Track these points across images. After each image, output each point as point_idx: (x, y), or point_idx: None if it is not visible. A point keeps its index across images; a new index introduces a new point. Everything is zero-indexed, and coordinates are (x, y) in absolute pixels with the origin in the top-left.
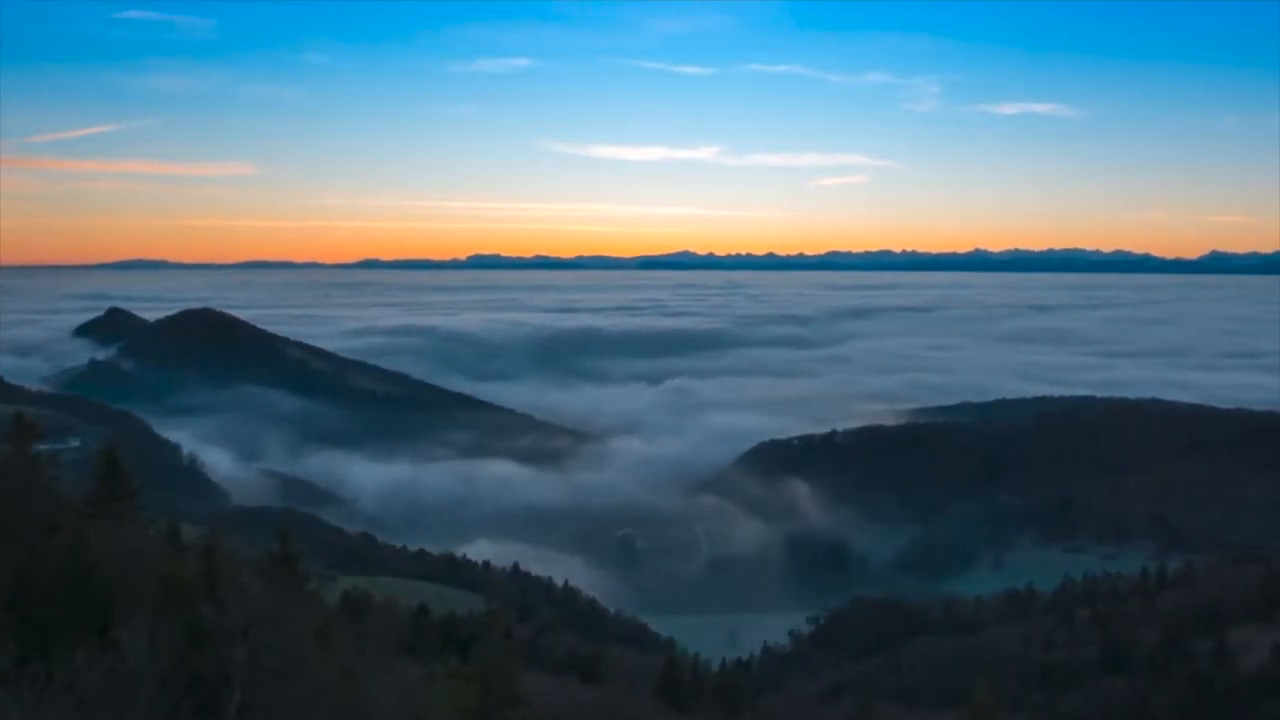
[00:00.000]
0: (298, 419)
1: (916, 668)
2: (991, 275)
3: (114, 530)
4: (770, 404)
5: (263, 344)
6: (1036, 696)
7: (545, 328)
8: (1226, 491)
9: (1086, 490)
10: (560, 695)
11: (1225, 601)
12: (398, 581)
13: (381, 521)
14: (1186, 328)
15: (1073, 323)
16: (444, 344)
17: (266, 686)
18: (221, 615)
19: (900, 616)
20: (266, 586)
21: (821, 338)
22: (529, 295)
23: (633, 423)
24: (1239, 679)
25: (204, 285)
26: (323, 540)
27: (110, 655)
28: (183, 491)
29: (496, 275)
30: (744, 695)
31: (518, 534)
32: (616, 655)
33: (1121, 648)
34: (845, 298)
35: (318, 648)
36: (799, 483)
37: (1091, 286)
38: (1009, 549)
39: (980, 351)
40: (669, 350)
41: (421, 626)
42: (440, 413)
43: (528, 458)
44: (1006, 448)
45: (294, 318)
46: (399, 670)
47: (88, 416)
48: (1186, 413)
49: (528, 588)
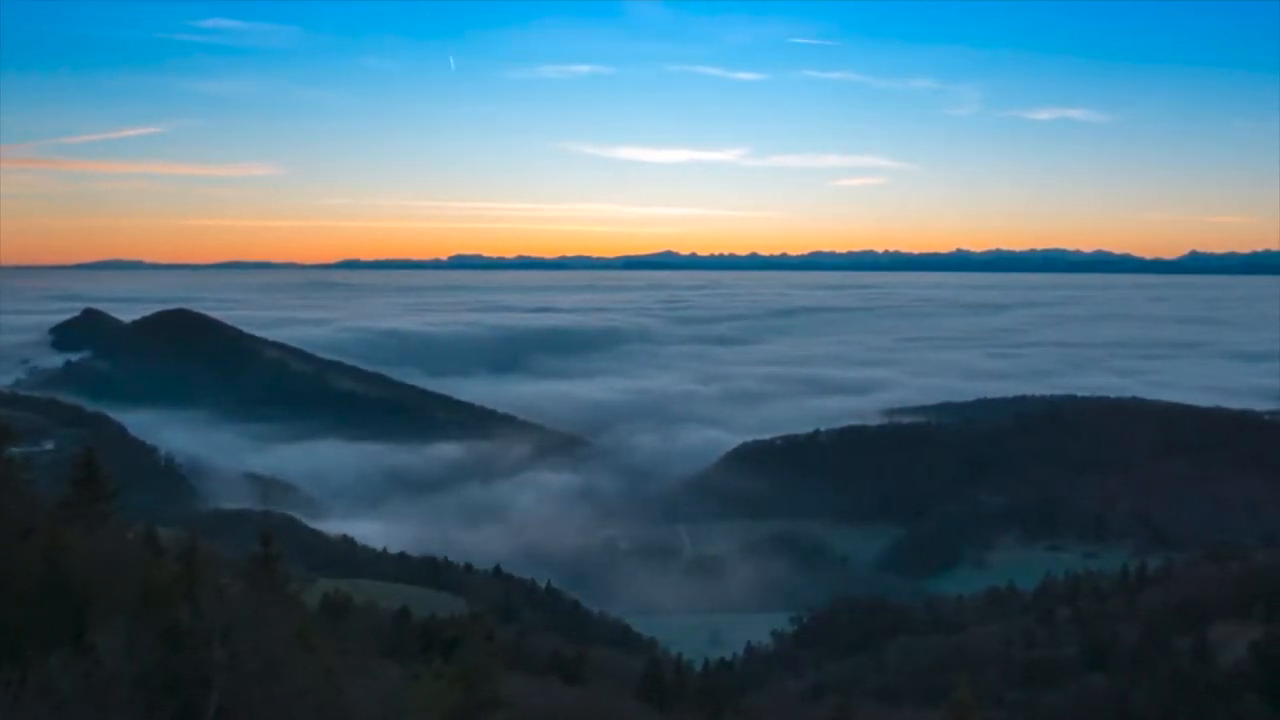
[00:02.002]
0: (276, 420)
1: (899, 666)
2: (970, 276)
3: (90, 533)
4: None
5: (240, 344)
6: (1018, 694)
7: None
8: (1206, 489)
9: (1068, 489)
10: (543, 697)
11: (1205, 599)
12: (379, 584)
13: (360, 521)
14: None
15: (981, 320)
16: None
17: (246, 689)
18: (200, 618)
19: (883, 615)
20: (246, 589)
21: (740, 336)
22: (449, 296)
23: (603, 420)
24: (1218, 676)
25: (180, 285)
26: (303, 542)
27: (86, 659)
28: (160, 494)
29: (473, 276)
30: (727, 695)
31: (500, 535)
32: (599, 656)
33: (1102, 645)
34: (800, 297)
35: (298, 651)
36: (781, 482)
37: (1037, 286)
38: (990, 548)
39: (856, 349)
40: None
41: (403, 629)
42: (422, 413)
43: (513, 457)
44: (988, 447)
45: (265, 319)
46: (380, 673)
47: (63, 419)
48: (1166, 412)
49: (510, 590)
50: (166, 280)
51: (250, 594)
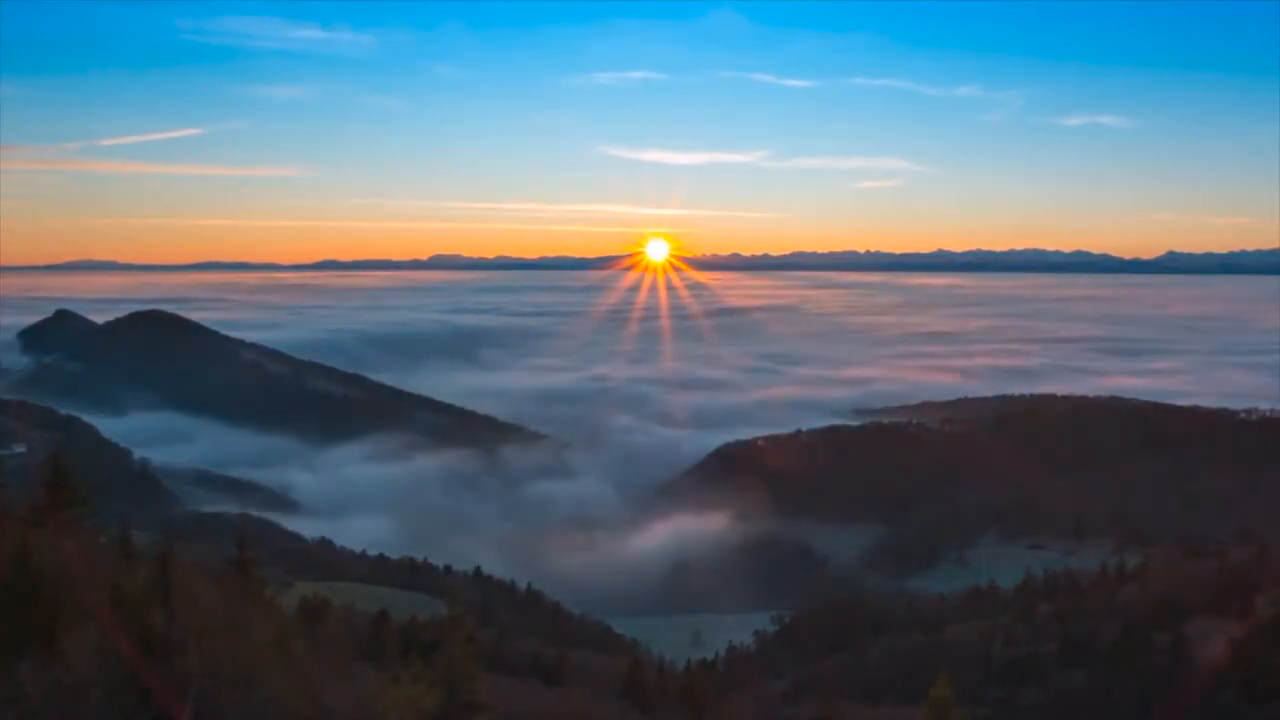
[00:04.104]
0: (252, 422)
1: (880, 665)
2: (951, 275)
3: (61, 538)
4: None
5: (214, 345)
6: (998, 692)
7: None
8: (1183, 487)
9: (1047, 487)
10: (524, 699)
11: (1183, 595)
12: (357, 587)
13: (338, 524)
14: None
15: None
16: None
17: (222, 697)
18: (174, 624)
19: (864, 614)
20: (221, 594)
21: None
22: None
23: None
24: (1195, 671)
25: (157, 286)
26: (279, 546)
27: (57, 666)
28: (133, 498)
29: (451, 275)
30: (708, 695)
31: (476, 537)
32: (580, 658)
33: (1081, 642)
34: (747, 296)
35: (275, 656)
36: (762, 482)
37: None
38: (971, 546)
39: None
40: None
41: (381, 632)
42: (398, 413)
43: (488, 458)
44: (968, 446)
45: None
46: (358, 677)
47: (33, 421)
48: (1144, 410)
49: (489, 591)
50: (144, 280)
51: (226, 599)
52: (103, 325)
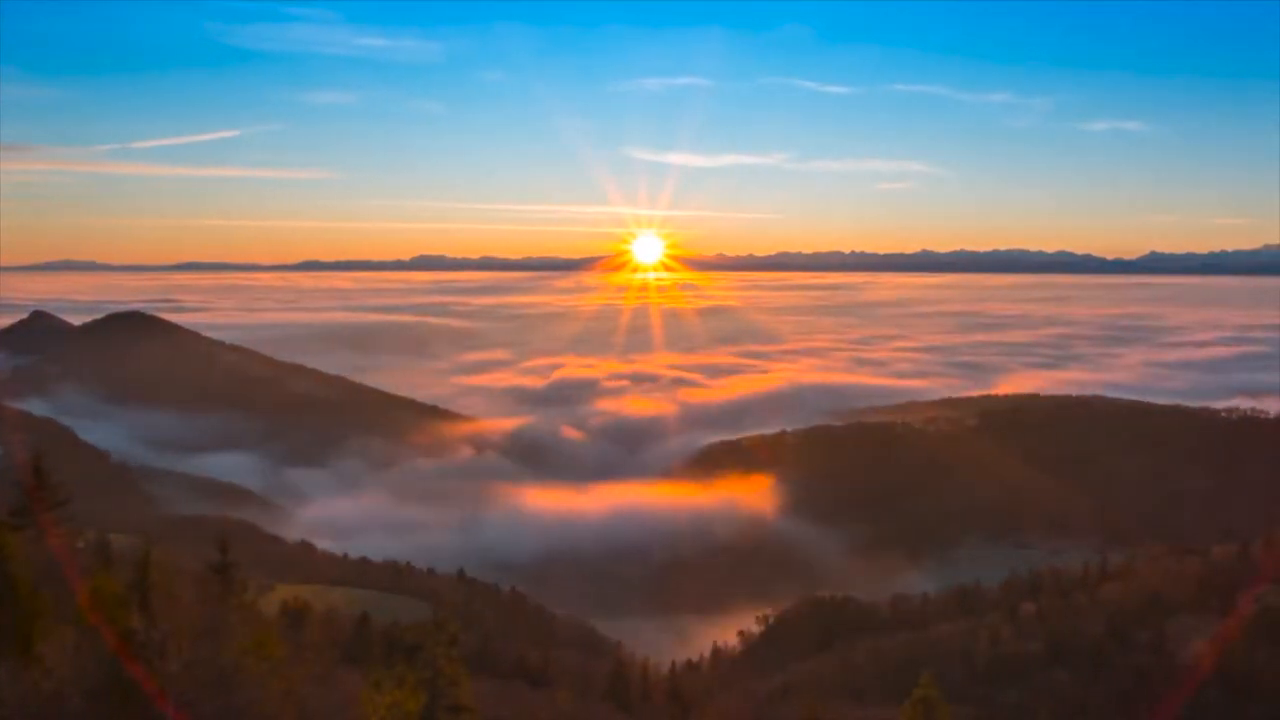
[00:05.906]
0: (230, 423)
1: (865, 665)
2: (933, 275)
3: (39, 541)
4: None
5: (193, 346)
6: (982, 690)
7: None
8: (1166, 486)
9: (1032, 487)
10: (508, 701)
11: (1165, 593)
12: (339, 590)
13: (319, 526)
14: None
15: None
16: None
17: (202, 701)
18: (154, 627)
19: (849, 614)
20: (202, 597)
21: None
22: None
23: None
24: (1177, 669)
25: (136, 287)
26: (260, 549)
27: (35, 670)
28: (112, 501)
29: (430, 276)
30: (694, 696)
31: (462, 539)
32: (565, 660)
33: (1065, 640)
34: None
35: (255, 660)
36: (747, 482)
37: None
38: (956, 546)
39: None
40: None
41: (364, 635)
42: (382, 415)
43: (469, 458)
44: (952, 446)
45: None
46: (340, 681)
47: (10, 425)
48: (1127, 410)
49: (473, 594)
50: (124, 280)
51: (206, 602)
52: (81, 326)
